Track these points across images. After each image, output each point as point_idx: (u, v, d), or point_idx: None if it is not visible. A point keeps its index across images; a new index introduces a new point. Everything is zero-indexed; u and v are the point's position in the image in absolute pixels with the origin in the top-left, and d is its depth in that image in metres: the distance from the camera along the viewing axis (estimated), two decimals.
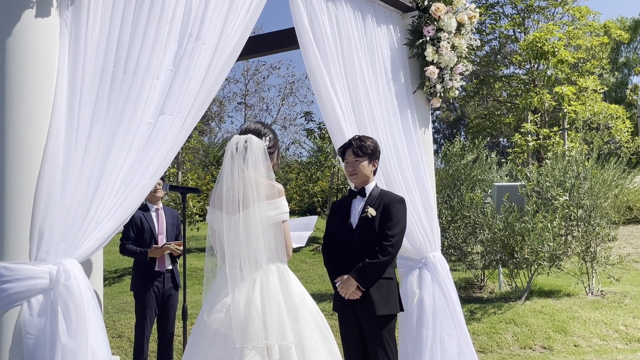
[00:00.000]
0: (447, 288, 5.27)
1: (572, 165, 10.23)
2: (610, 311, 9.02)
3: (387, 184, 5.00)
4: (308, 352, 3.52)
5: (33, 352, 3.03)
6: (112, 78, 3.37)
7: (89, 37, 3.32)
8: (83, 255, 3.24)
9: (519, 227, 9.31)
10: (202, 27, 3.73)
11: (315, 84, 4.71)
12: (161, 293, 6.34)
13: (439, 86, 5.63)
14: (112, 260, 12.78)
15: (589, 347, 8.03)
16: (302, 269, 12.57)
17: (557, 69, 17.70)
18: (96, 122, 3.31)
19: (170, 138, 3.56)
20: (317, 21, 4.66)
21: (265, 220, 3.60)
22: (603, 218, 10.14)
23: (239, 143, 3.63)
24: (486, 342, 8.11)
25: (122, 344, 8.21)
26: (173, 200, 15.72)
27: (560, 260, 9.63)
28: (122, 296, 10.65)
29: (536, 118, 18.42)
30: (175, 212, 6.73)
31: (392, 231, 4.47)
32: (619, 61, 37.81)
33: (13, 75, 3.10)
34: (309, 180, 17.99)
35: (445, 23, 5.54)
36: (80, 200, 3.22)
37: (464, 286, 10.65)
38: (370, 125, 5.01)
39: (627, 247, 13.99)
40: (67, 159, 3.19)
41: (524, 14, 21.15)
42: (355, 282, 4.41)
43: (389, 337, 4.48)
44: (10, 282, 3.03)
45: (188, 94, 3.64)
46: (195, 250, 13.06)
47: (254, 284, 3.55)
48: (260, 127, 3.84)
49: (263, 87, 26.44)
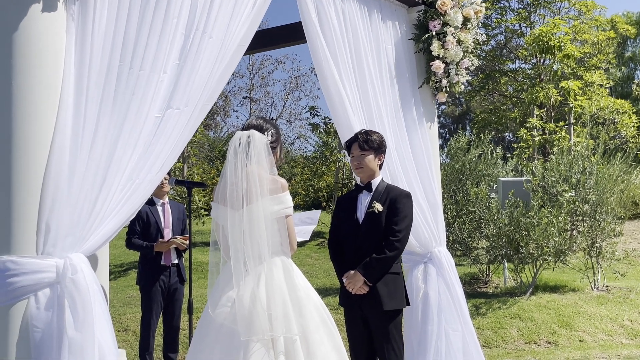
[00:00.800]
0: (453, 283, 5.27)
1: (578, 160, 10.20)
2: (615, 306, 9.00)
3: (393, 179, 4.99)
4: (313, 345, 3.54)
5: (40, 345, 3.04)
6: (118, 72, 3.37)
7: (96, 31, 3.32)
8: (90, 249, 3.25)
9: (524, 222, 9.29)
10: (209, 20, 3.72)
11: (323, 78, 4.69)
12: (167, 287, 6.36)
13: (445, 81, 5.61)
14: (118, 254, 12.81)
15: (594, 342, 8.02)
16: (307, 264, 12.57)
17: (563, 63, 17.64)
18: (103, 117, 3.31)
19: (177, 132, 3.56)
20: (324, 15, 4.64)
21: (269, 215, 3.62)
22: (609, 213, 10.11)
23: (242, 139, 3.65)
24: (491, 337, 8.11)
25: (127, 337, 8.24)
26: (178, 195, 15.73)
27: (566, 256, 9.62)
28: (127, 290, 10.68)
29: (542, 113, 18.37)
30: (181, 207, 6.74)
31: (398, 226, 4.47)
32: (625, 56, 37.66)
33: (20, 69, 3.10)
34: (314, 174, 17.97)
35: (451, 18, 5.52)
36: (87, 194, 3.22)
37: (469, 281, 10.64)
38: (377, 119, 5.00)
39: (632, 242, 13.96)
40: (74, 153, 3.20)
41: (530, 8, 21.09)
42: (362, 277, 4.40)
43: (395, 332, 4.48)
44: (17, 276, 3.03)
45: (195, 87, 3.64)
46: (201, 244, 13.06)
47: (259, 278, 3.56)
48: (262, 122, 3.85)
49: (268, 81, 26.43)
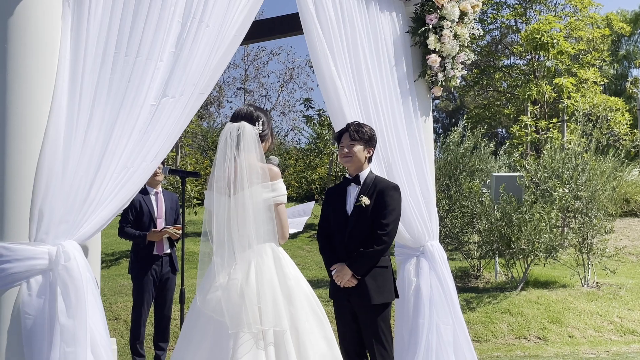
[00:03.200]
0: (444, 277, 5.27)
1: (571, 157, 10.23)
2: (605, 303, 9.06)
3: (388, 171, 4.99)
4: (302, 335, 3.54)
5: (31, 332, 3.03)
6: (114, 60, 3.34)
7: (91, 18, 3.29)
8: (83, 237, 3.23)
9: (516, 217, 9.32)
10: (206, 9, 3.69)
11: (319, 69, 4.68)
12: (159, 276, 6.35)
13: (441, 75, 5.60)
14: (110, 243, 12.79)
15: (583, 338, 8.07)
16: (298, 255, 12.59)
17: (557, 60, 17.66)
18: (97, 104, 3.29)
19: (172, 121, 3.55)
20: (321, 6, 4.62)
21: (261, 203, 3.62)
22: (600, 210, 10.16)
23: (232, 131, 3.66)
24: (481, 332, 8.15)
25: (118, 326, 8.23)
26: (171, 184, 15.70)
27: (557, 252, 9.67)
28: (119, 279, 10.66)
29: (535, 109, 18.40)
30: (174, 196, 6.73)
31: (386, 219, 4.46)
32: (619, 54, 37.76)
33: (15, 55, 3.08)
34: (307, 167, 18.00)
35: (448, 11, 5.51)
36: (81, 181, 3.20)
37: (460, 275, 10.68)
38: (373, 111, 4.99)
39: (623, 239, 14.02)
40: (68, 140, 3.18)
41: (525, 4, 21.08)
42: (350, 271, 4.41)
43: (384, 325, 4.48)
44: (10, 262, 3.02)
45: (190, 76, 3.62)
46: (193, 234, 13.05)
47: (249, 267, 3.55)
48: (252, 110, 3.85)
49: (263, 72, 26.39)
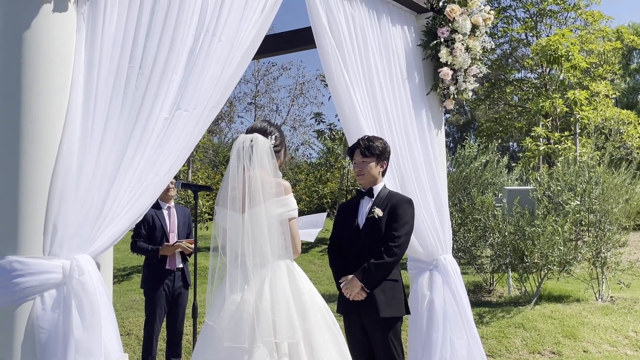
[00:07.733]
0: (458, 291, 5.24)
1: (584, 170, 10.17)
2: (620, 317, 8.95)
3: (401, 184, 4.97)
4: (317, 350, 3.52)
5: (45, 346, 3.02)
6: (128, 73, 3.36)
7: (106, 32, 3.31)
8: (96, 251, 3.23)
9: (529, 231, 9.26)
10: (219, 23, 3.71)
11: (332, 83, 4.68)
12: (171, 291, 6.34)
13: (453, 88, 5.60)
14: (122, 258, 12.80)
15: (598, 353, 7.98)
16: (310, 270, 12.56)
17: (569, 73, 17.63)
18: (111, 118, 3.30)
19: (185, 135, 3.55)
20: (334, 20, 4.64)
21: (273, 218, 3.60)
22: (613, 223, 10.07)
23: (245, 142, 3.64)
24: (495, 346, 8.07)
25: (130, 341, 8.22)
26: (183, 199, 15.73)
27: (570, 265, 9.57)
28: (130, 294, 10.66)
29: (547, 123, 18.35)
30: (186, 211, 6.73)
31: (398, 232, 4.43)
32: (631, 67, 37.62)
33: (29, 69, 3.09)
34: (318, 181, 17.99)
35: (460, 25, 5.52)
36: (95, 196, 3.21)
37: (473, 290, 10.60)
38: (386, 125, 4.99)
39: (637, 252, 13.91)
40: (82, 154, 3.18)
41: (536, 18, 21.09)
42: (360, 282, 4.36)
43: (394, 339, 4.44)
44: (24, 277, 3.02)
45: (203, 90, 3.62)
46: (205, 249, 13.04)
47: (263, 282, 3.53)
48: (266, 125, 3.84)
49: (273, 87, 26.44)
